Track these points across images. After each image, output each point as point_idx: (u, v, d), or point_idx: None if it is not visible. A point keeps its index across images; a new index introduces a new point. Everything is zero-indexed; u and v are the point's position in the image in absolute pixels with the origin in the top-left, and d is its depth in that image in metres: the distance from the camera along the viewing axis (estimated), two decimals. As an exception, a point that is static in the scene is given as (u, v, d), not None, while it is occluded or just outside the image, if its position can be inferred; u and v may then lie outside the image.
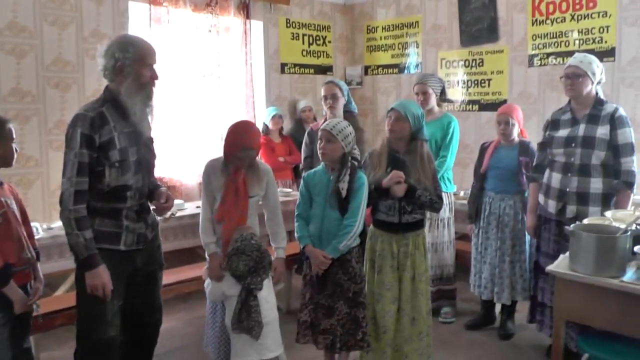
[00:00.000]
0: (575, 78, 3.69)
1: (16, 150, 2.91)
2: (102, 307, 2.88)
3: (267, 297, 3.22)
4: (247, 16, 6.54)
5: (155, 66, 2.96)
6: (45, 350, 4.05)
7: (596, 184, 3.62)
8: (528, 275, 4.30)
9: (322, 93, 4.52)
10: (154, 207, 3.13)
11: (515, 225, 4.31)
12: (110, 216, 2.89)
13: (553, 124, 3.91)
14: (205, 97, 6.19)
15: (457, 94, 6.52)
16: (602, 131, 3.60)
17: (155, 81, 2.98)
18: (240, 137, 3.26)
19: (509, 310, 4.48)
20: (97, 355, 2.95)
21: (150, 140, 3.12)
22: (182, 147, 6.00)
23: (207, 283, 3.42)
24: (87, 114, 2.80)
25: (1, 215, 2.81)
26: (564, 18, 5.62)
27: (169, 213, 4.50)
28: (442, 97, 4.81)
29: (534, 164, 4.10)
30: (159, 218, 3.26)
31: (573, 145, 3.69)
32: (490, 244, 4.40)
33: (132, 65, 2.86)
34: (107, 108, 2.87)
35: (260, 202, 3.48)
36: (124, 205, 2.91)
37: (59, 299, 4.06)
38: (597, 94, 3.74)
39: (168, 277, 4.38)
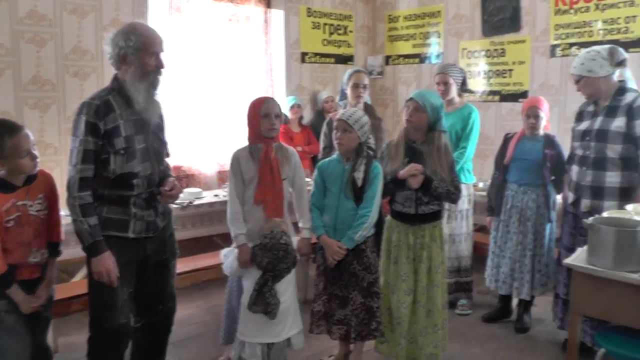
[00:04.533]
0: (576, 83, 3.67)
1: (33, 157, 2.87)
2: (111, 295, 2.90)
3: (287, 285, 3.26)
4: (268, 5, 6.54)
5: (161, 54, 2.93)
6: (63, 335, 4.10)
7: (613, 178, 3.52)
8: (545, 269, 4.25)
9: (353, 81, 4.39)
10: (159, 195, 3.07)
11: (538, 218, 4.23)
12: (118, 204, 2.89)
13: (578, 116, 3.85)
14: (225, 87, 6.19)
15: (478, 84, 6.45)
16: (618, 123, 3.48)
17: (161, 70, 2.95)
18: (258, 102, 3.31)
19: (525, 304, 4.43)
20: (108, 342, 2.98)
21: (160, 128, 3.10)
22: (201, 136, 6.02)
23: (225, 255, 3.42)
24: (93, 102, 2.82)
25: (14, 219, 2.83)
26: (588, 7, 5.52)
27: (186, 202, 4.55)
28: (463, 87, 4.75)
29: (568, 155, 4.02)
30: (174, 206, 3.27)
31: (588, 138, 3.62)
32: (511, 238, 4.31)
33: (135, 54, 2.85)
34: (113, 96, 2.87)
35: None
36: (132, 193, 2.90)
37: (76, 284, 4.11)
38: (622, 81, 3.62)
39: (185, 264, 4.42)
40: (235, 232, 3.32)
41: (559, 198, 4.29)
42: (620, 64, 3.59)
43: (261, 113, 3.26)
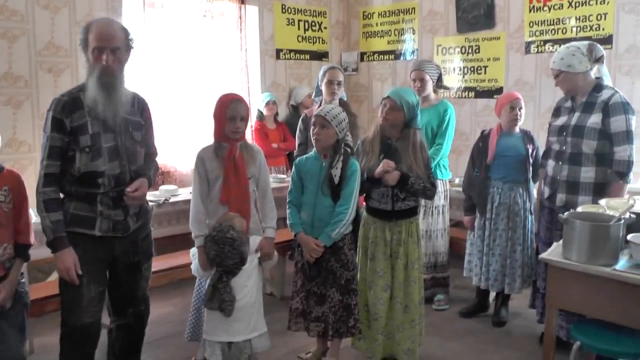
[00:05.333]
0: (555, 77, 3.70)
1: None
2: (75, 293, 2.88)
3: (245, 281, 3.16)
4: (242, 1, 6.51)
5: (111, 51, 2.83)
6: (39, 336, 4.06)
7: (588, 173, 3.57)
8: (530, 261, 4.27)
9: (327, 78, 4.40)
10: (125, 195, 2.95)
11: (524, 213, 4.25)
12: (85, 201, 2.88)
13: (556, 112, 3.90)
14: (199, 83, 6.15)
15: (453, 80, 6.48)
16: (594, 120, 3.53)
17: (104, 66, 2.82)
18: (224, 102, 3.24)
19: (503, 298, 4.47)
20: (73, 340, 2.95)
21: (136, 127, 3.03)
22: (177, 133, 5.98)
23: (193, 255, 3.35)
24: (62, 99, 2.82)
25: None
26: (562, 5, 5.58)
27: (162, 199, 4.52)
28: (439, 83, 4.77)
29: (544, 150, 4.07)
30: (151, 204, 3.22)
31: (564, 134, 3.67)
32: (500, 235, 4.27)
33: (84, 49, 2.86)
34: (84, 93, 2.85)
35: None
36: (98, 191, 2.87)
37: (52, 284, 4.03)
38: (599, 78, 3.67)
39: (162, 262, 4.38)
40: (195, 233, 3.26)
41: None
42: (598, 60, 3.66)
43: (227, 115, 3.20)
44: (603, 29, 5.32)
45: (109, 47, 2.83)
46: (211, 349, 3.18)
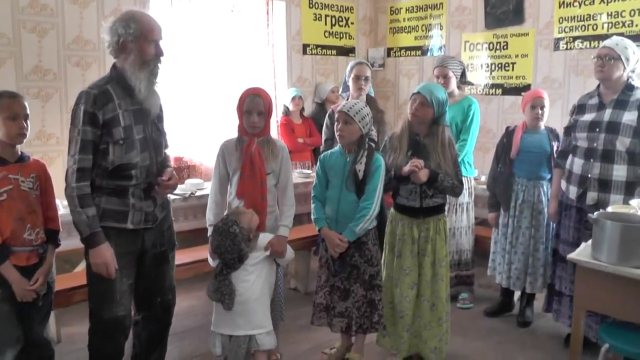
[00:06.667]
0: (607, 60, 3.57)
1: (26, 127, 2.85)
2: (110, 286, 2.89)
3: (244, 276, 3.14)
4: (270, -4, 6.51)
5: (160, 42, 2.91)
6: (66, 326, 4.12)
7: (619, 171, 3.51)
8: (549, 260, 4.21)
9: (354, 73, 4.39)
10: (157, 185, 3.00)
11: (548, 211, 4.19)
12: (116, 194, 2.87)
13: (579, 108, 3.82)
14: (226, 78, 6.16)
15: (480, 77, 6.41)
16: (629, 117, 3.48)
17: (161, 57, 2.92)
18: (243, 96, 3.25)
19: (528, 298, 4.42)
20: (106, 334, 2.97)
21: (159, 118, 3.07)
22: (203, 127, 6.00)
23: None
24: (91, 92, 2.79)
25: (6, 192, 2.80)
26: (593, 0, 5.49)
27: (188, 193, 4.55)
28: (463, 79, 4.74)
29: (559, 149, 4.03)
30: (175, 197, 3.24)
31: (597, 130, 3.59)
32: (523, 233, 4.23)
33: (135, 42, 2.82)
34: (112, 85, 2.84)
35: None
36: (130, 184, 2.87)
37: (79, 275, 4.06)
38: (628, 80, 3.61)
39: (187, 255, 4.40)
40: (209, 222, 3.31)
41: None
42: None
43: (243, 109, 3.22)
44: (637, 25, 5.20)
45: (161, 40, 2.91)
46: (212, 340, 3.22)
